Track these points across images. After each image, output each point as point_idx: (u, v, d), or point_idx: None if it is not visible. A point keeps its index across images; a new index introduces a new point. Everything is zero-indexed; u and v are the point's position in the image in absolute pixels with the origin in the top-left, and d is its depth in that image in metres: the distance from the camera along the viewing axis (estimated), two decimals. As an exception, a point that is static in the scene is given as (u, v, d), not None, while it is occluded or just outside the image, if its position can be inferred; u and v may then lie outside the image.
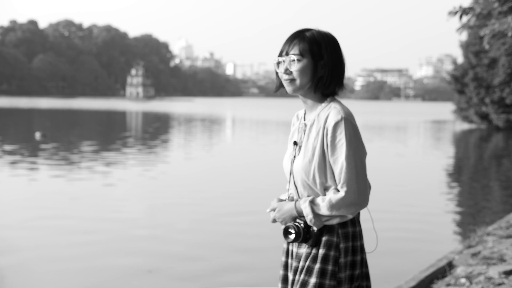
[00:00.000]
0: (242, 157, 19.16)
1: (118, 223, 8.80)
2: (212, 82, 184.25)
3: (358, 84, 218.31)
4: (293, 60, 2.37)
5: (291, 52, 2.38)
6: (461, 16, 7.71)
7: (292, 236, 2.37)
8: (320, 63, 2.36)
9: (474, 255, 6.06)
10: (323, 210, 2.31)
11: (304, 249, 2.39)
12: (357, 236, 2.39)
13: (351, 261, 2.36)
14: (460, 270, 5.51)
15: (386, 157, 20.04)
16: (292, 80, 2.39)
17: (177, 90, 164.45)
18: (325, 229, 2.35)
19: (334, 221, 2.33)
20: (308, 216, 2.33)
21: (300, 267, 2.38)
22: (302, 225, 2.37)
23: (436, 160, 19.50)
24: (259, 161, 17.61)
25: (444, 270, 5.67)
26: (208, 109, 66.50)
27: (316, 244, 2.35)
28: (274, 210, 2.47)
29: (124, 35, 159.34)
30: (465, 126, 41.25)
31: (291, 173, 2.45)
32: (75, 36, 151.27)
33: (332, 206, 2.29)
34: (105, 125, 37.09)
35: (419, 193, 12.24)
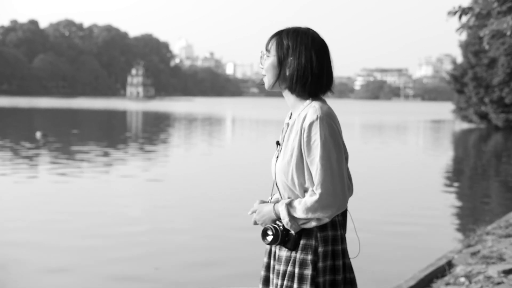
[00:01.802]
0: (243, 157, 19.19)
1: (120, 221, 8.83)
2: (212, 82, 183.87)
3: (358, 84, 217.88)
4: (262, 56, 2.37)
5: (266, 48, 2.36)
6: (460, 16, 7.74)
7: (270, 238, 2.30)
8: (286, 62, 2.30)
9: (473, 254, 6.08)
10: (299, 213, 2.24)
11: (284, 252, 2.32)
12: (338, 240, 2.30)
13: (331, 266, 2.28)
14: (459, 269, 5.53)
15: (385, 156, 20.07)
16: (264, 76, 2.37)
17: (177, 89, 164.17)
18: (304, 232, 2.27)
19: (311, 224, 2.25)
20: (285, 219, 2.26)
21: (281, 271, 2.31)
22: (281, 227, 2.29)
23: (436, 159, 19.53)
24: (260, 161, 17.62)
25: (444, 269, 5.69)
26: (208, 109, 66.48)
27: (294, 248, 2.28)
28: (255, 212, 2.41)
29: (124, 35, 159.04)
30: (465, 125, 41.27)
31: (275, 173, 2.40)
32: (75, 36, 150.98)
33: (308, 209, 2.22)
34: (106, 125, 37.09)
35: (418, 193, 12.26)
